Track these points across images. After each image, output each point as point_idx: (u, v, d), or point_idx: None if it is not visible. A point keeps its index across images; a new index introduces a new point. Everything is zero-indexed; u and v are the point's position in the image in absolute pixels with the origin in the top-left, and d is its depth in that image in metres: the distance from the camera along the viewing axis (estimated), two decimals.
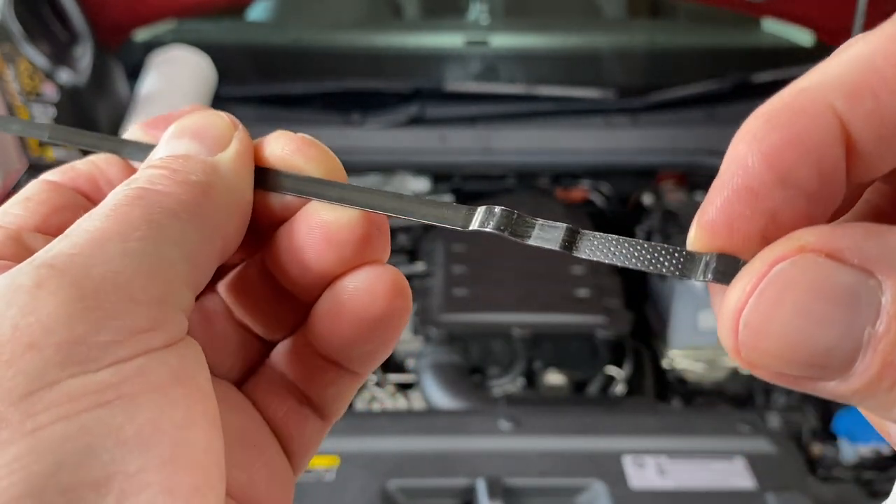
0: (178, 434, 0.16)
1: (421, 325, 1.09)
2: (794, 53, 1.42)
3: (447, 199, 1.31)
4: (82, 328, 0.16)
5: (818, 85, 0.16)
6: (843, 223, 0.15)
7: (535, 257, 1.15)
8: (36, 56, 1.11)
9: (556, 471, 0.81)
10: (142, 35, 1.40)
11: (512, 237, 0.19)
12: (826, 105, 0.16)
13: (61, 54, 1.15)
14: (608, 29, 1.63)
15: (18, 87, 1.12)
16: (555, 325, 1.08)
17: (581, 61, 1.48)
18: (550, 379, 1.06)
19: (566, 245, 0.18)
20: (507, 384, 1.06)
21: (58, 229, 0.19)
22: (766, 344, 0.15)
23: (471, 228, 0.20)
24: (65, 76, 1.13)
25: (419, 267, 1.22)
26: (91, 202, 0.22)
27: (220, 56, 1.33)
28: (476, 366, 1.08)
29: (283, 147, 0.22)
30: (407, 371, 1.10)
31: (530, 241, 0.19)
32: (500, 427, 0.86)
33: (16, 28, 1.08)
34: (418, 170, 1.32)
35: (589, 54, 1.49)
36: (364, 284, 0.21)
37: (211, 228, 0.19)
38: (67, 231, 0.18)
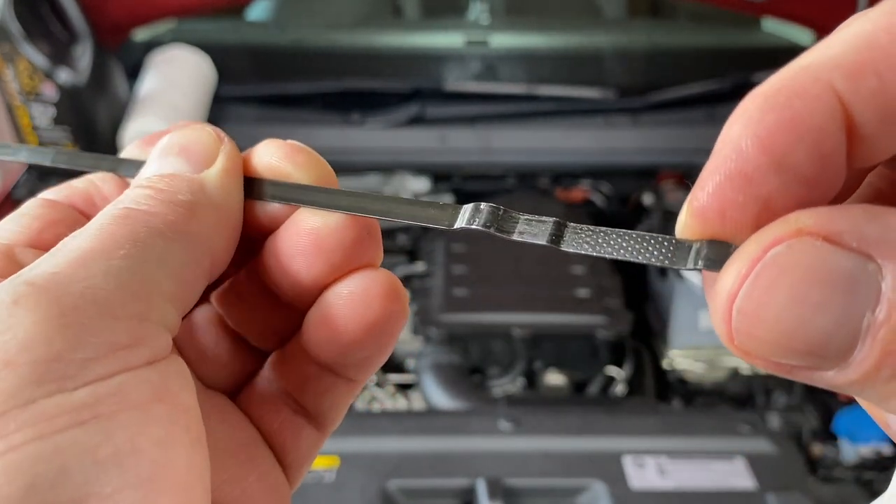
0: (158, 453, 0.16)
1: (421, 325, 1.09)
2: (794, 53, 1.40)
3: (447, 199, 1.31)
4: (59, 345, 0.15)
5: (818, 64, 0.15)
6: (841, 205, 0.15)
7: (536, 257, 1.15)
8: (35, 56, 1.10)
9: (556, 471, 0.81)
10: (141, 35, 1.40)
11: (499, 233, 0.19)
12: (826, 85, 0.15)
13: (61, 54, 1.15)
14: (608, 29, 1.62)
15: (18, 87, 1.12)
16: (555, 325, 1.08)
17: (581, 61, 1.48)
18: (550, 379, 1.06)
19: (554, 239, 0.18)
20: (508, 384, 1.06)
21: (51, 244, 0.19)
22: (761, 331, 0.14)
23: (457, 227, 0.19)
24: (64, 76, 1.13)
25: (419, 267, 1.22)
26: (86, 218, 0.22)
27: (220, 56, 1.33)
28: (476, 366, 1.08)
29: (271, 155, 0.21)
30: (407, 371, 1.10)
31: (518, 237, 0.19)
32: (501, 427, 0.86)
33: (15, 28, 1.08)
34: (418, 170, 1.32)
35: (589, 54, 1.49)
36: (357, 290, 0.21)
37: (198, 246, 0.19)
38: (53, 250, 0.17)
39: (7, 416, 0.15)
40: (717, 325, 0.15)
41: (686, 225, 0.16)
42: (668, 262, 0.17)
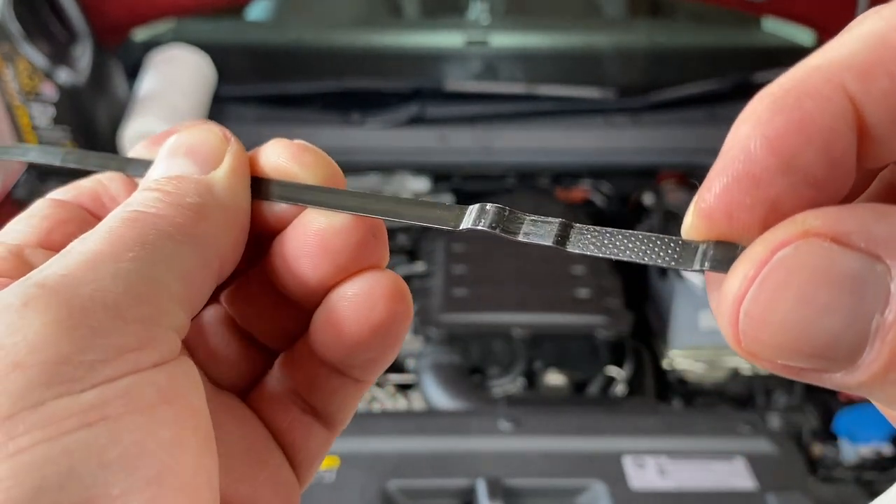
0: (165, 455, 0.16)
1: (421, 325, 1.09)
2: (794, 53, 1.41)
3: (447, 199, 1.31)
4: (68, 347, 0.15)
5: (829, 63, 0.15)
6: (849, 205, 0.14)
7: (536, 257, 1.15)
8: (35, 56, 1.10)
9: (556, 471, 0.81)
10: (141, 34, 1.40)
11: (504, 234, 0.19)
12: (836, 86, 0.14)
13: (60, 54, 1.15)
14: (608, 28, 1.62)
15: (18, 87, 1.12)
16: (555, 325, 1.08)
17: (581, 61, 1.48)
18: (551, 379, 1.06)
19: (559, 240, 0.18)
20: (508, 384, 1.06)
21: (61, 244, 0.19)
22: (768, 334, 0.14)
23: (462, 227, 0.19)
24: (64, 76, 1.13)
25: (419, 267, 1.21)
26: (94, 217, 0.22)
27: (220, 56, 1.33)
28: (476, 366, 1.08)
29: (278, 155, 0.21)
30: (407, 371, 1.10)
31: (523, 238, 0.19)
32: (501, 427, 0.85)
33: (15, 28, 1.08)
34: (418, 170, 1.32)
35: (589, 54, 1.49)
36: (363, 291, 0.21)
37: (206, 248, 0.19)
38: (62, 252, 0.17)
39: (16, 417, 0.15)
40: (723, 327, 0.15)
41: (693, 226, 0.16)
42: (674, 263, 0.16)
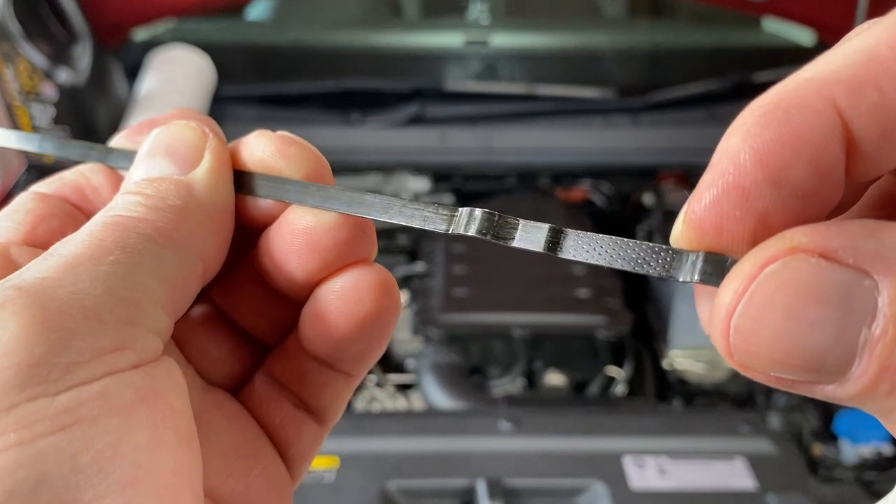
0: (141, 457, 0.16)
1: (421, 325, 1.09)
2: (794, 53, 1.42)
3: (447, 200, 1.31)
4: (43, 349, 0.15)
5: (820, 77, 0.15)
6: (837, 220, 0.15)
7: (536, 257, 1.15)
8: (35, 56, 1.10)
9: (556, 471, 0.81)
10: (141, 34, 1.40)
11: (495, 240, 0.19)
12: (826, 99, 0.15)
13: (60, 54, 1.15)
14: (608, 28, 1.62)
15: (17, 87, 1.12)
16: (555, 325, 1.08)
17: (581, 61, 1.48)
18: (551, 379, 1.06)
19: (550, 246, 0.18)
20: (508, 384, 1.05)
21: (45, 239, 0.19)
22: (758, 348, 0.14)
23: (452, 232, 0.19)
24: (64, 76, 1.13)
25: (419, 267, 1.21)
26: (77, 210, 0.22)
27: (220, 56, 1.33)
28: (476, 366, 1.08)
29: (262, 149, 0.21)
30: (407, 371, 1.10)
31: (514, 244, 0.19)
32: (501, 427, 0.85)
33: (15, 28, 1.08)
34: (418, 169, 1.32)
35: (589, 54, 1.49)
36: (350, 285, 0.21)
37: (189, 251, 0.19)
38: (44, 255, 0.17)
39: None
40: (715, 341, 0.15)
41: (682, 236, 0.16)
42: (665, 273, 0.17)
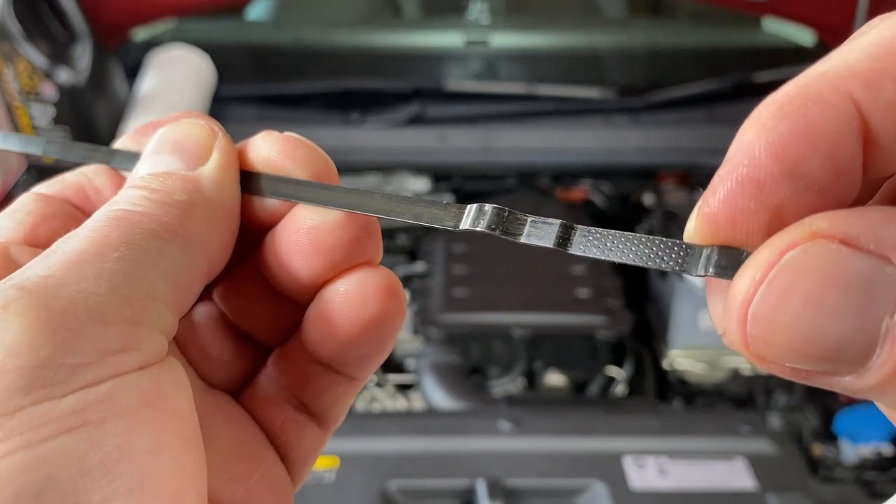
0: (148, 460, 0.15)
1: (421, 326, 1.09)
2: (795, 53, 1.42)
3: (447, 199, 1.31)
4: (48, 350, 0.15)
5: (836, 70, 0.15)
6: (858, 208, 0.14)
7: (536, 257, 1.15)
8: (35, 56, 1.10)
9: (556, 471, 0.81)
10: (141, 34, 1.40)
11: (504, 236, 0.18)
12: (843, 93, 0.14)
13: (60, 54, 1.15)
14: (608, 28, 1.62)
15: (17, 87, 1.12)
16: (555, 325, 1.08)
17: (581, 61, 1.48)
18: (551, 379, 1.06)
19: (561, 242, 0.18)
20: (508, 385, 1.05)
21: (46, 240, 0.19)
22: (776, 336, 0.14)
23: (461, 228, 0.19)
24: (64, 76, 1.13)
25: (419, 267, 1.21)
26: (80, 211, 0.22)
27: (220, 56, 1.33)
28: (476, 366, 1.08)
29: (269, 149, 0.21)
30: (407, 371, 1.10)
31: (523, 240, 0.18)
32: (501, 427, 0.85)
33: (15, 28, 1.08)
34: (418, 169, 1.32)
35: (589, 54, 1.49)
36: (354, 287, 0.21)
37: (194, 247, 0.19)
38: (46, 252, 0.17)
39: None
40: (731, 330, 0.15)
41: (696, 230, 0.16)
42: (678, 267, 0.16)
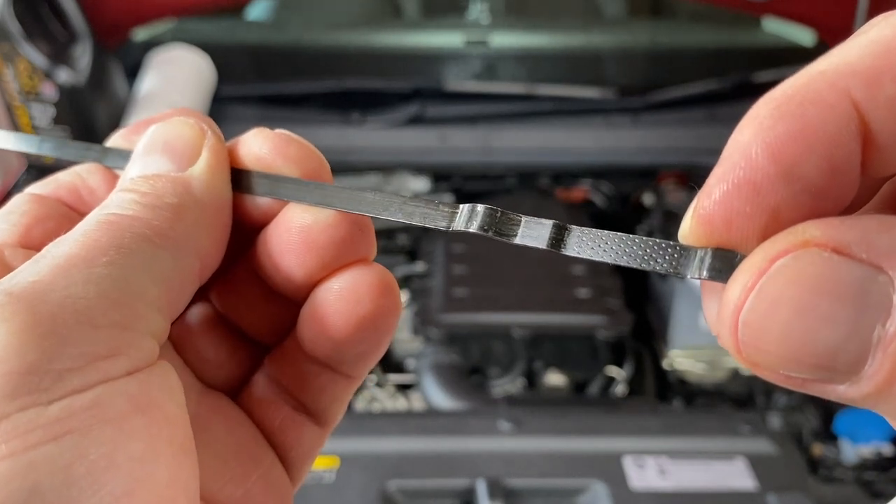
0: (136, 468, 0.15)
1: (421, 325, 1.09)
2: (795, 53, 1.42)
3: (447, 199, 1.31)
4: (35, 356, 0.15)
5: (835, 69, 0.14)
6: (852, 216, 0.14)
7: (536, 257, 1.15)
8: (35, 55, 1.10)
9: (556, 471, 0.81)
10: (141, 34, 1.40)
11: (497, 237, 0.18)
12: (842, 92, 0.14)
13: (60, 54, 1.15)
14: (609, 28, 1.62)
15: (17, 87, 1.12)
16: (555, 325, 1.08)
17: (581, 61, 1.48)
18: (551, 379, 1.06)
19: (554, 243, 0.17)
20: (508, 385, 1.05)
21: (41, 241, 0.18)
22: (768, 344, 0.14)
23: (453, 229, 0.19)
24: (64, 76, 1.13)
25: (419, 267, 1.21)
26: (73, 211, 0.22)
27: (220, 55, 1.33)
28: (476, 366, 1.08)
29: (260, 147, 0.21)
30: (407, 371, 1.09)
31: (517, 241, 0.18)
32: (501, 428, 0.85)
33: (15, 28, 1.08)
34: (418, 169, 1.32)
35: (589, 54, 1.49)
36: (348, 285, 0.21)
37: (185, 250, 0.19)
38: (36, 257, 0.17)
39: None
40: (723, 337, 0.15)
41: (691, 231, 0.16)
42: (672, 270, 0.16)
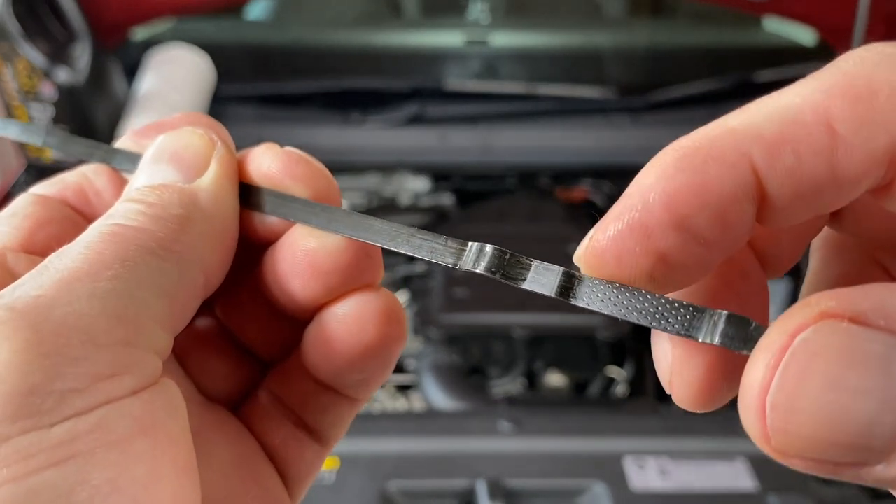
0: (140, 492, 0.15)
1: (421, 326, 1.09)
2: (795, 52, 1.42)
3: (447, 199, 1.31)
4: (37, 376, 0.14)
5: (742, 130, 0.15)
6: (860, 286, 0.14)
7: (536, 257, 1.15)
8: (34, 55, 1.10)
9: (556, 472, 0.81)
10: (140, 34, 1.39)
11: (504, 280, 0.18)
12: (743, 155, 0.15)
13: (59, 53, 1.15)
14: (609, 28, 1.62)
15: (17, 87, 1.12)
16: (555, 325, 1.08)
17: (582, 60, 1.48)
18: (551, 380, 1.06)
19: (563, 291, 0.17)
20: (508, 385, 1.05)
21: (44, 245, 0.18)
22: (800, 425, 0.13)
23: (459, 267, 0.18)
24: (63, 75, 1.13)
25: (419, 267, 1.21)
26: (79, 214, 0.21)
27: (220, 55, 1.33)
28: (476, 366, 1.08)
29: (269, 164, 0.20)
30: (407, 372, 1.09)
31: (525, 286, 0.18)
32: (501, 428, 0.85)
33: (14, 27, 1.08)
34: (418, 169, 1.32)
35: (590, 53, 1.49)
36: (353, 312, 0.20)
37: (191, 263, 0.18)
38: (38, 268, 0.17)
39: None
40: (749, 425, 0.14)
41: (583, 260, 0.16)
42: (683, 331, 0.16)
